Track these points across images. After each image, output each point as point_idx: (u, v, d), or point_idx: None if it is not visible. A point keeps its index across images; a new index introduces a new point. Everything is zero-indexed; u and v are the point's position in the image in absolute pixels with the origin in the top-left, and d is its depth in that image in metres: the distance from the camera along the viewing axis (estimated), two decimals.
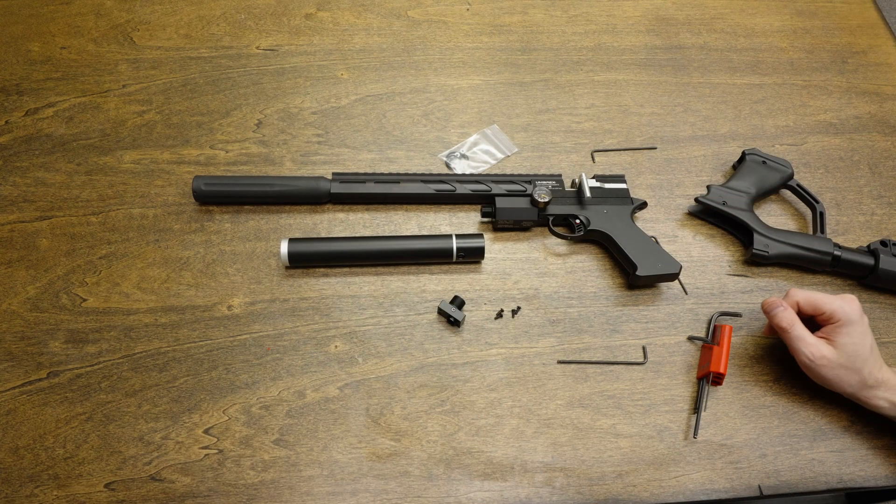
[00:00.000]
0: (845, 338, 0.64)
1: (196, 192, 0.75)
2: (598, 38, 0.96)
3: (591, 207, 0.76)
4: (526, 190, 0.76)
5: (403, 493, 0.63)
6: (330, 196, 0.76)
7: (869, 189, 0.85)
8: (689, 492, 0.65)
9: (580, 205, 0.77)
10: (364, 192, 0.76)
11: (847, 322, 0.64)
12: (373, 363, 0.69)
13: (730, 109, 0.91)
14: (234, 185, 0.75)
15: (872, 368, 0.64)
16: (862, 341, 0.64)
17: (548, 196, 0.75)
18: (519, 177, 0.78)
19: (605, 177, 0.79)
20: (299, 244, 0.72)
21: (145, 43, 0.90)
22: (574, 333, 0.72)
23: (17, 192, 0.77)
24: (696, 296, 0.76)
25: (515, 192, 0.76)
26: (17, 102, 0.84)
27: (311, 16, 0.95)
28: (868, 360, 0.64)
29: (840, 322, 0.65)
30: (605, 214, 0.76)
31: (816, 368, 0.65)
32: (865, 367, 0.64)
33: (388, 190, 0.76)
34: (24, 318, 0.69)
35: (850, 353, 0.64)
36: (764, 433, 0.68)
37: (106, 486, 0.62)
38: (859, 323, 0.65)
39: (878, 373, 0.64)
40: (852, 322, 0.64)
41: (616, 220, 0.75)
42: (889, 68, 0.97)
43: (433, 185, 0.76)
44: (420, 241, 0.73)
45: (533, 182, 0.77)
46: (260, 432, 0.65)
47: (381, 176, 0.77)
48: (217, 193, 0.75)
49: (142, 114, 0.84)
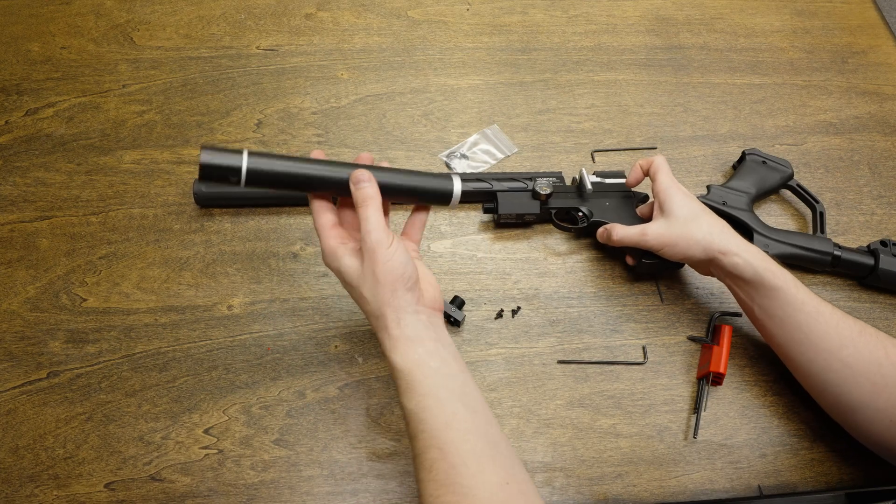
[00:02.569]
0: (672, 204, 0.67)
1: (197, 195, 0.74)
2: (598, 38, 0.96)
3: (593, 200, 0.77)
4: (527, 186, 0.76)
5: (404, 493, 0.63)
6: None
7: (869, 189, 0.85)
8: (689, 492, 0.65)
9: (581, 198, 0.77)
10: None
11: (666, 189, 0.68)
12: (373, 363, 0.69)
13: (730, 109, 0.91)
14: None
15: (722, 226, 0.66)
16: (690, 203, 0.67)
17: (549, 189, 0.75)
18: (520, 175, 0.78)
19: (606, 172, 0.79)
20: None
21: (145, 43, 0.90)
22: (574, 333, 0.72)
23: (17, 192, 0.77)
24: (696, 296, 0.76)
25: (517, 188, 0.76)
26: (17, 102, 0.84)
27: (311, 16, 0.95)
28: (706, 221, 0.66)
29: (661, 192, 0.68)
30: (607, 207, 0.76)
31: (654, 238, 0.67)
32: (713, 218, 0.66)
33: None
34: (24, 318, 0.69)
35: (684, 216, 0.66)
36: (764, 433, 0.68)
37: (106, 486, 0.62)
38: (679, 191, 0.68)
39: (731, 235, 0.65)
40: (670, 187, 0.68)
41: (619, 212, 0.76)
42: (889, 68, 0.97)
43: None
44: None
45: (534, 178, 0.77)
46: (260, 432, 0.65)
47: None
48: (219, 196, 0.75)
49: (142, 114, 0.84)
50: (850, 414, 0.61)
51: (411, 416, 0.51)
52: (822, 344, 0.61)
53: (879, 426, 0.59)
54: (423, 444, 0.50)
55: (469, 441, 0.49)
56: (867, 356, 0.59)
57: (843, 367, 0.60)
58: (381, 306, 0.52)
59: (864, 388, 0.59)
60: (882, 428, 0.59)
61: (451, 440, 0.49)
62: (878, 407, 0.59)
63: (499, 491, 0.48)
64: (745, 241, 0.65)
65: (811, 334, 0.61)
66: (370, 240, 0.52)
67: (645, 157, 0.73)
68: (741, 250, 0.63)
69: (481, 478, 0.48)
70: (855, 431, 0.63)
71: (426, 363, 0.52)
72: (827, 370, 0.61)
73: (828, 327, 0.61)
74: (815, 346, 0.61)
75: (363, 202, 0.53)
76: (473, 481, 0.48)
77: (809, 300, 0.62)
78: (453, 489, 0.48)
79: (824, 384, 0.62)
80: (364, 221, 0.53)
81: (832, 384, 0.61)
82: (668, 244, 0.66)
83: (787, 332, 0.62)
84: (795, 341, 0.62)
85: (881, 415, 0.59)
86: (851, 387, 0.60)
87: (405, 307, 0.53)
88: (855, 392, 0.60)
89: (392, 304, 0.52)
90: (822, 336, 0.61)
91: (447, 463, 0.48)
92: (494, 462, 0.50)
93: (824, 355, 0.61)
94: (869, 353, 0.59)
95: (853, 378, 0.60)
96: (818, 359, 0.61)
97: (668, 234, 0.66)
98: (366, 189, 0.54)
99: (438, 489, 0.48)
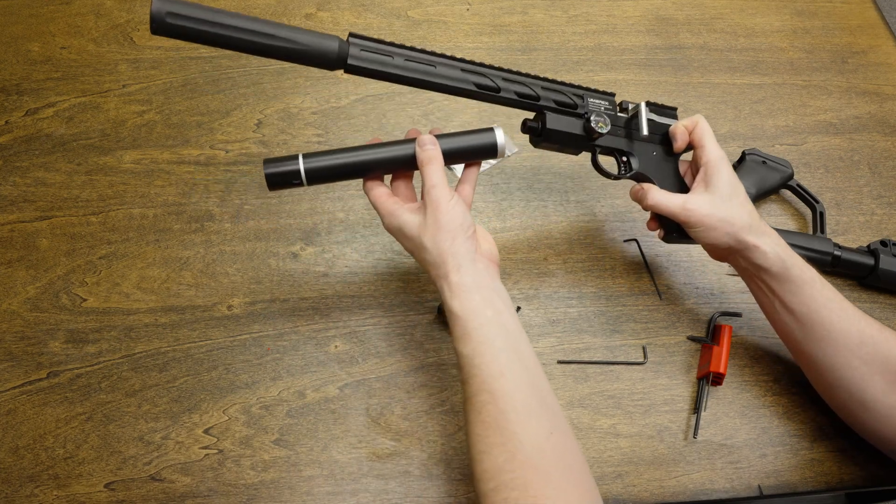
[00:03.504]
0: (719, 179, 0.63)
1: (155, 15, 0.49)
2: (598, 38, 0.96)
3: (640, 145, 0.67)
4: (576, 106, 0.65)
5: (403, 493, 0.63)
6: (346, 65, 0.57)
7: (869, 189, 0.85)
8: (689, 492, 0.65)
9: (629, 139, 0.67)
10: (388, 70, 0.58)
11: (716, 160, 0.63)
12: (373, 363, 0.69)
13: (730, 109, 0.91)
14: (215, 13, 0.51)
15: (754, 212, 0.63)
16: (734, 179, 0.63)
17: (606, 126, 0.64)
18: (569, 88, 0.65)
19: (661, 108, 0.69)
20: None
21: (145, 43, 0.90)
22: (574, 333, 0.72)
23: (17, 192, 0.77)
24: (696, 296, 0.76)
25: (565, 105, 0.64)
26: (17, 102, 0.84)
27: (311, 16, 0.95)
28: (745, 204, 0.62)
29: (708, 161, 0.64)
30: (653, 157, 0.67)
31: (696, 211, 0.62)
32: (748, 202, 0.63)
33: (419, 74, 0.59)
34: (24, 318, 0.69)
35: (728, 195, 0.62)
36: (764, 433, 0.68)
37: (106, 486, 0.62)
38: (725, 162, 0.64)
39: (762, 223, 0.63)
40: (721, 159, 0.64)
41: (662, 166, 0.67)
42: (889, 68, 0.97)
43: (472, 78, 0.61)
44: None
45: (584, 98, 0.65)
46: (260, 432, 0.65)
47: (413, 52, 0.59)
48: (187, 20, 0.50)
49: (142, 114, 0.84)
50: (862, 411, 0.61)
51: (465, 361, 0.53)
52: (844, 341, 0.60)
53: (891, 423, 0.59)
54: (475, 388, 0.52)
55: (520, 390, 0.52)
56: (885, 353, 0.59)
57: (861, 364, 0.60)
58: (441, 253, 0.55)
59: (878, 386, 0.59)
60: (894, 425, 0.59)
61: (501, 388, 0.52)
62: (891, 404, 0.59)
63: (543, 440, 0.50)
64: (773, 230, 0.63)
65: (833, 331, 0.60)
66: (435, 193, 0.56)
67: (688, 118, 0.66)
68: (772, 241, 0.61)
69: (528, 425, 0.50)
70: (863, 429, 0.62)
71: (483, 312, 0.54)
72: (845, 367, 0.60)
73: (850, 325, 0.60)
74: (836, 343, 0.60)
75: (428, 161, 0.58)
76: (520, 428, 0.50)
77: (834, 296, 0.61)
78: (500, 432, 0.50)
79: (840, 381, 0.61)
80: (428, 178, 0.57)
81: (848, 380, 0.60)
82: (708, 226, 0.62)
83: (809, 328, 0.61)
84: (816, 338, 0.61)
85: (894, 411, 0.59)
86: (867, 384, 0.59)
87: (465, 254, 0.55)
88: (869, 390, 0.59)
89: (452, 251, 0.55)
90: (844, 333, 0.60)
91: (496, 408, 0.51)
92: (541, 413, 0.52)
93: (844, 353, 0.60)
94: (887, 350, 0.59)
95: (869, 375, 0.59)
96: (838, 356, 0.60)
97: (711, 215, 0.61)
98: (430, 150, 0.58)
99: (486, 430, 0.51)
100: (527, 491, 0.48)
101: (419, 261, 0.59)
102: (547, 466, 0.49)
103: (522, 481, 0.48)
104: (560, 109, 0.64)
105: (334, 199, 0.79)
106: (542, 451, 0.50)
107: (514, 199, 0.81)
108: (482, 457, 0.50)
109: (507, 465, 0.49)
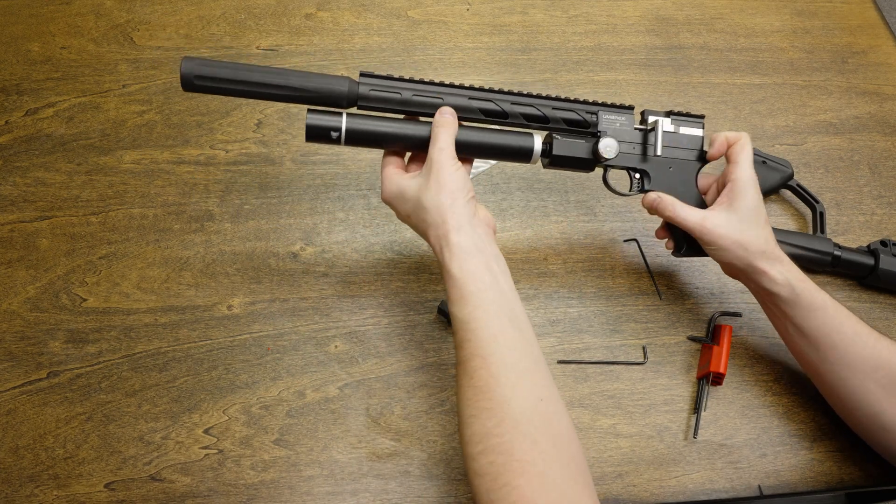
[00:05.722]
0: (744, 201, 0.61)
1: (185, 77, 0.57)
2: (598, 38, 0.96)
3: (655, 160, 0.66)
4: (588, 124, 0.64)
5: (404, 493, 0.63)
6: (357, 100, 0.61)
7: (869, 189, 0.85)
8: (689, 492, 0.65)
9: (643, 155, 0.65)
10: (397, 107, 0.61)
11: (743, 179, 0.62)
12: (373, 363, 0.69)
13: (730, 109, 0.91)
14: (234, 71, 0.58)
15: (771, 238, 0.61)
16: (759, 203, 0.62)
17: (614, 153, 0.63)
18: (581, 105, 0.64)
19: (683, 117, 0.66)
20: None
21: (145, 43, 0.90)
22: (574, 333, 0.72)
23: (17, 192, 0.77)
24: (696, 296, 0.76)
25: (576, 124, 0.64)
26: (17, 102, 0.84)
27: (311, 16, 0.95)
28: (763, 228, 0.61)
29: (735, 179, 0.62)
30: (669, 172, 0.65)
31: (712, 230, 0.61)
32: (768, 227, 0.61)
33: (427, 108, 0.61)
34: (24, 318, 0.69)
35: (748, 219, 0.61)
36: (764, 433, 0.68)
37: (106, 486, 0.62)
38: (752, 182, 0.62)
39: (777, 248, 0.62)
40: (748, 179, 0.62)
41: (680, 178, 0.65)
42: (889, 68, 0.97)
43: (478, 105, 0.62)
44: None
45: (598, 115, 0.64)
46: (260, 432, 0.65)
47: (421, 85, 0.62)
48: (211, 80, 0.58)
49: (142, 114, 0.84)
50: (881, 433, 0.60)
51: (460, 325, 0.54)
52: (858, 365, 0.59)
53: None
54: (468, 352, 0.53)
55: (512, 356, 0.52)
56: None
57: (877, 388, 0.59)
58: (442, 212, 0.55)
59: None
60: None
61: (494, 352, 0.52)
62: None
63: (532, 406, 0.50)
64: (786, 257, 0.62)
65: (847, 355, 0.60)
66: (441, 156, 0.57)
67: (734, 132, 0.64)
68: (783, 268, 0.61)
69: (518, 391, 0.51)
70: (885, 450, 0.62)
71: (481, 276, 0.54)
72: (861, 390, 0.60)
73: (864, 349, 0.59)
74: (850, 367, 0.60)
75: (441, 125, 0.58)
76: (511, 392, 0.50)
77: (847, 321, 0.60)
78: (490, 396, 0.50)
79: (857, 403, 0.61)
80: (437, 140, 0.58)
81: (865, 404, 0.60)
82: (721, 247, 0.61)
83: (822, 351, 0.61)
84: (829, 361, 0.61)
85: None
86: (885, 406, 0.59)
87: (465, 215, 0.56)
88: (888, 412, 0.59)
89: (452, 211, 0.55)
90: (857, 357, 0.59)
91: (488, 372, 0.51)
92: (532, 378, 0.52)
93: (860, 377, 0.59)
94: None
95: (886, 399, 0.59)
96: (853, 379, 0.60)
97: (727, 236, 0.61)
98: (447, 118, 0.59)
99: (476, 395, 0.51)
100: (512, 455, 0.48)
101: (416, 225, 0.58)
102: (534, 432, 0.49)
103: (509, 446, 0.48)
104: (570, 129, 0.64)
105: (334, 199, 0.79)
106: (531, 417, 0.50)
107: (514, 199, 0.81)
108: (471, 420, 0.51)
109: (495, 430, 0.49)
